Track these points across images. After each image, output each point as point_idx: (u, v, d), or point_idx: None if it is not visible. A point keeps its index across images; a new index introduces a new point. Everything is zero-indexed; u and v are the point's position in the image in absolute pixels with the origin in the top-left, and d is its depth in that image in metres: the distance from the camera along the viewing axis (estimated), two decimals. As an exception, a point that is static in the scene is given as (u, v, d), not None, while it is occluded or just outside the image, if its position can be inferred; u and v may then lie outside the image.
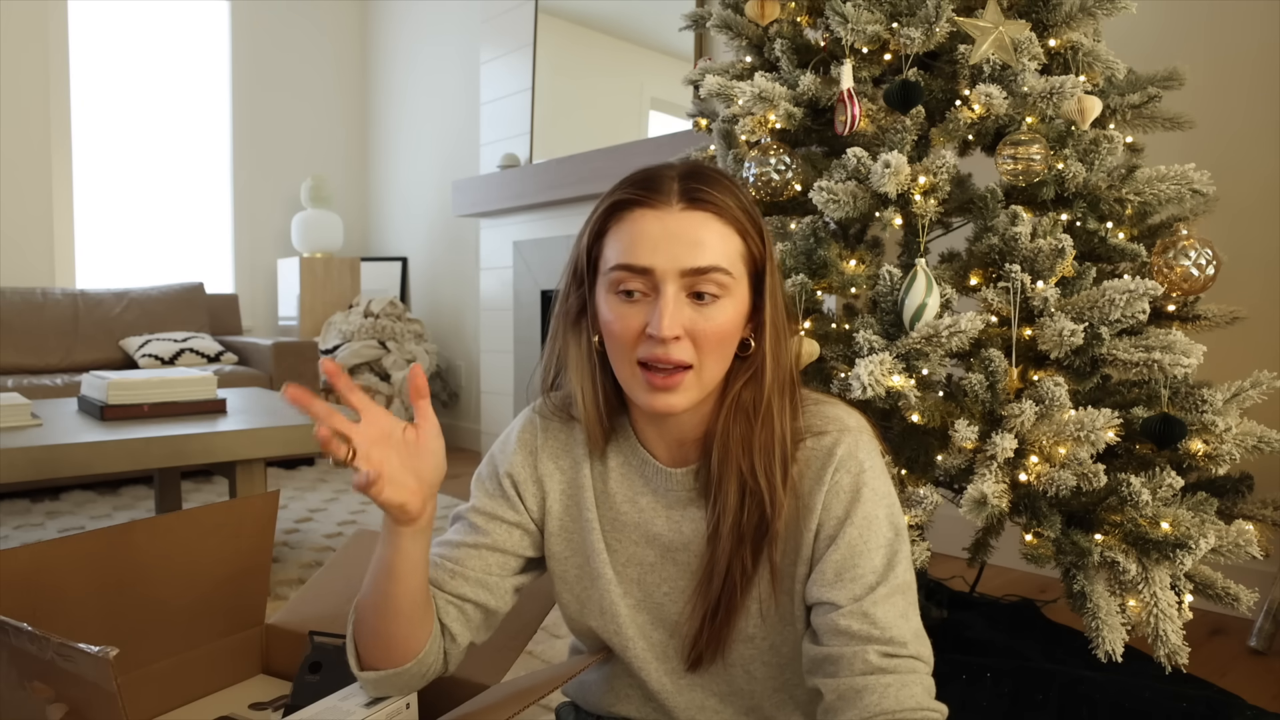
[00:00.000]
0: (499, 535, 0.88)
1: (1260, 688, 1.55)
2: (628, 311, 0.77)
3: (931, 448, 1.30)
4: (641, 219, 0.77)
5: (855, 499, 0.78)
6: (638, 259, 0.76)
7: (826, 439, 0.80)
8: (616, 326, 0.77)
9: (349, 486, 3.29)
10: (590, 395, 0.84)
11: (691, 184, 0.77)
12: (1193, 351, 1.23)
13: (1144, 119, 1.58)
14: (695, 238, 0.76)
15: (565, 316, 0.85)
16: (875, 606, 0.74)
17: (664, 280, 0.75)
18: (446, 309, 4.46)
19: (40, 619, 0.99)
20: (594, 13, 3.40)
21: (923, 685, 0.73)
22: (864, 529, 0.77)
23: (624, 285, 0.77)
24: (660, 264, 0.75)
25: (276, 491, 1.25)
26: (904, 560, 0.78)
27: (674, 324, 0.75)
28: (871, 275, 1.38)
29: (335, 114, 4.91)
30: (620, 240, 0.78)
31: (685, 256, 0.75)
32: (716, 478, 0.80)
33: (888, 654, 0.73)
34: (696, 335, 0.76)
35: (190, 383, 2.21)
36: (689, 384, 0.77)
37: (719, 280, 0.76)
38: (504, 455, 0.91)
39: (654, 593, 0.86)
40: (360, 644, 0.83)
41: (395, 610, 0.79)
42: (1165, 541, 1.18)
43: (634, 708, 0.91)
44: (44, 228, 3.98)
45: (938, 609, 1.67)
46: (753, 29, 1.63)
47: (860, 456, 0.80)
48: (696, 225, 0.76)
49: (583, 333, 0.84)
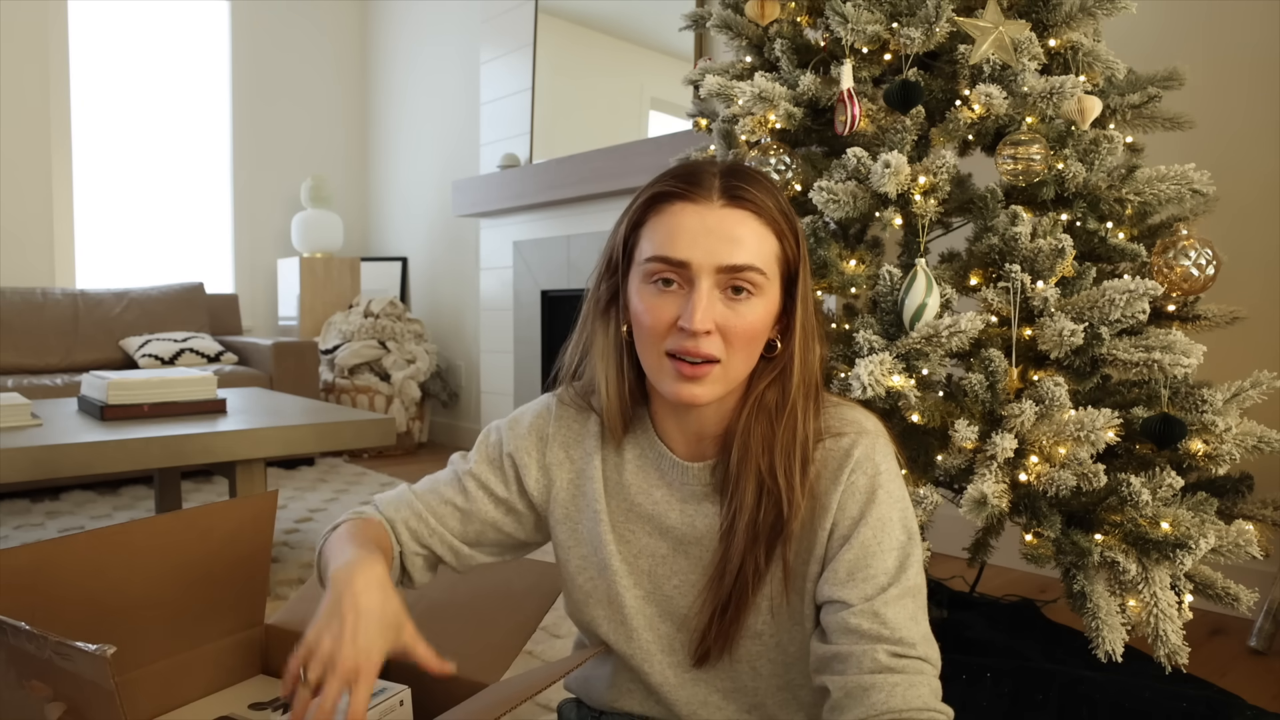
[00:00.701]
0: (483, 507, 0.92)
1: (1260, 688, 1.55)
2: (661, 302, 0.78)
3: (931, 448, 1.30)
4: (681, 212, 0.78)
5: (870, 500, 0.79)
6: (675, 251, 0.77)
7: (844, 440, 0.81)
8: (648, 317, 0.78)
9: (349, 486, 3.29)
10: (614, 384, 0.85)
11: (733, 181, 0.78)
12: (1193, 351, 1.23)
13: (1144, 119, 1.58)
14: (733, 235, 0.76)
15: (595, 304, 0.86)
16: (886, 607, 0.75)
17: (699, 274, 0.76)
18: (446, 309, 4.46)
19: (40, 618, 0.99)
20: (594, 13, 3.40)
21: (930, 687, 0.74)
22: (878, 530, 0.78)
23: (659, 275, 0.78)
24: (697, 258, 0.76)
25: (276, 491, 1.25)
26: (916, 563, 0.79)
27: (706, 318, 0.76)
28: (871, 275, 1.39)
29: (335, 114, 4.91)
30: (658, 232, 0.78)
31: (722, 253, 0.76)
32: (735, 475, 0.81)
33: (896, 654, 0.73)
34: (726, 331, 0.77)
35: (190, 383, 2.21)
36: (715, 377, 0.78)
37: (753, 279, 0.77)
38: (513, 435, 0.93)
39: (664, 585, 0.87)
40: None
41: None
42: (1165, 541, 1.18)
43: (636, 703, 0.91)
44: (44, 228, 3.98)
45: (938, 609, 1.68)
46: (753, 29, 1.63)
47: (876, 459, 0.80)
48: (735, 223, 0.77)
49: (611, 321, 0.85)
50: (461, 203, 3.87)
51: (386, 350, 4.03)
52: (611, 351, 0.85)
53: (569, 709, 1.00)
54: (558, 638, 1.75)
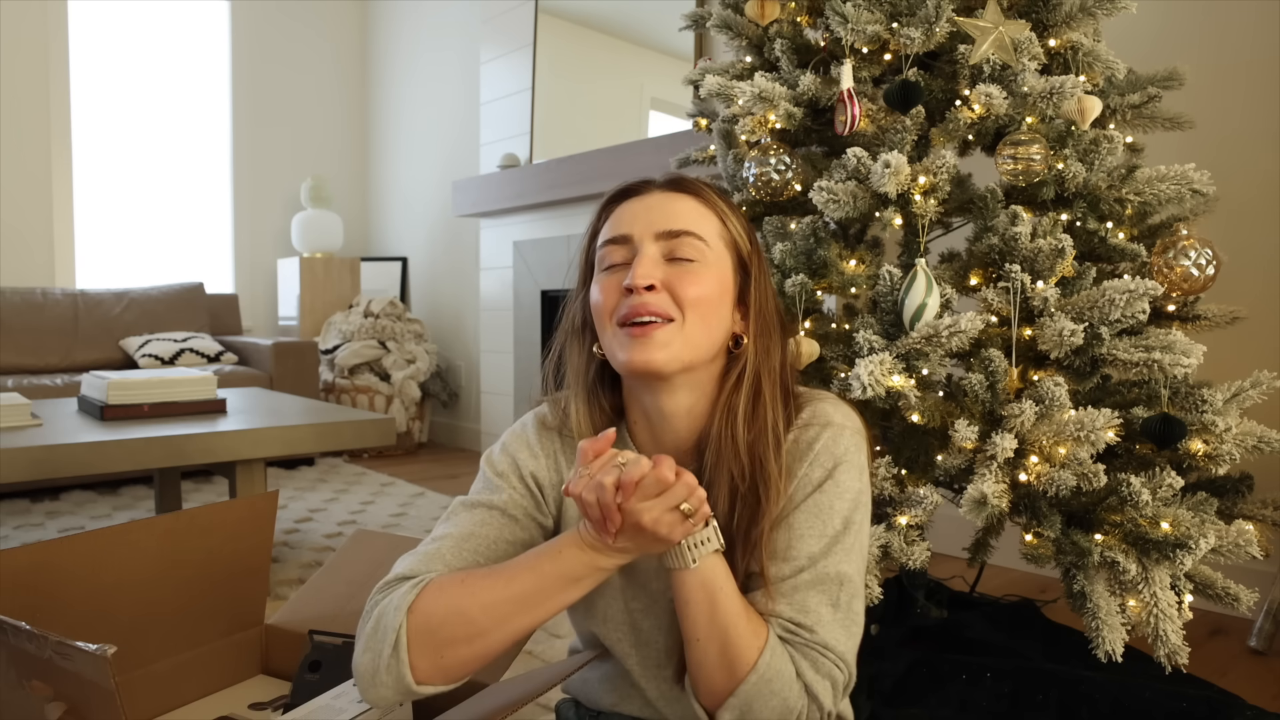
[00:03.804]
0: (534, 531, 0.87)
1: (1260, 688, 1.55)
2: (610, 281, 0.81)
3: (931, 448, 1.30)
4: (626, 205, 0.84)
5: (818, 489, 0.79)
6: (618, 229, 0.82)
7: (809, 432, 0.82)
8: (599, 297, 0.81)
9: (349, 486, 3.29)
10: (585, 409, 0.86)
11: (675, 177, 0.85)
12: (1193, 351, 1.23)
13: (1144, 119, 1.58)
14: (672, 209, 0.82)
15: (569, 325, 0.88)
16: (796, 591, 0.76)
17: (641, 241, 0.81)
18: (446, 309, 4.46)
19: (40, 619, 0.99)
20: (594, 13, 3.40)
21: (809, 661, 0.75)
22: (811, 515, 0.78)
23: (608, 260, 0.82)
24: (638, 230, 0.81)
25: (276, 491, 1.25)
26: (844, 552, 0.78)
27: (648, 274, 0.78)
28: (871, 275, 1.38)
29: (335, 114, 4.91)
30: (608, 226, 0.84)
31: (660, 221, 0.81)
32: (709, 482, 0.80)
33: (790, 631, 0.75)
34: (674, 289, 0.79)
35: (190, 383, 2.21)
36: (669, 337, 0.78)
37: (694, 245, 0.80)
38: (515, 454, 0.89)
39: (660, 599, 0.86)
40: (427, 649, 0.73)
41: (517, 618, 0.74)
42: (1165, 541, 1.18)
43: (636, 708, 0.92)
44: (44, 228, 3.98)
45: (938, 609, 1.67)
46: (753, 29, 1.63)
47: (837, 452, 0.80)
48: (674, 200, 0.83)
49: (583, 341, 0.86)
50: (461, 203, 3.87)
51: (386, 350, 4.03)
52: (583, 375, 0.86)
53: (567, 709, 1.00)
54: (558, 637, 1.75)
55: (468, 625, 0.73)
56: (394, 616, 0.73)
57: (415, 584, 0.76)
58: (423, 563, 0.80)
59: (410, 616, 0.73)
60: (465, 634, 0.73)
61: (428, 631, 0.73)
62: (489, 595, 0.73)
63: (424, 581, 0.76)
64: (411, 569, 0.79)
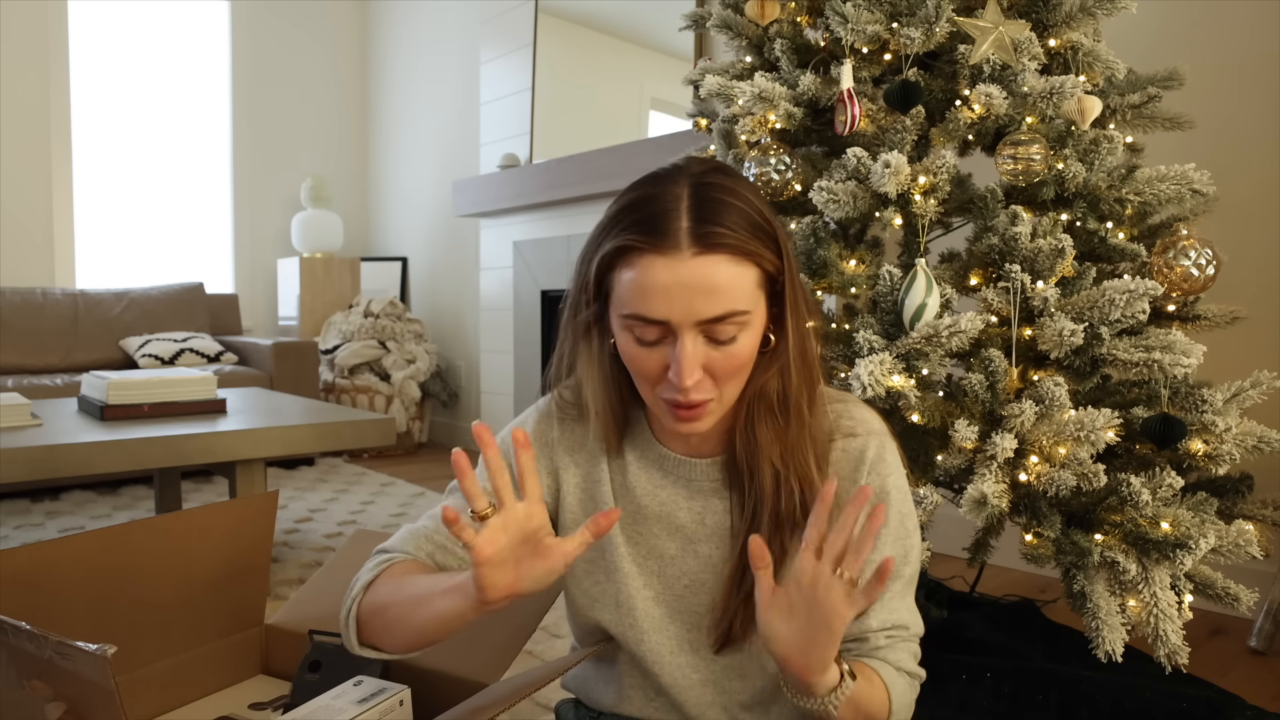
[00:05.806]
0: None
1: (1260, 688, 1.55)
2: (646, 354, 0.77)
3: (931, 448, 1.30)
4: (651, 267, 0.73)
5: (885, 502, 0.84)
6: (652, 311, 0.74)
7: (857, 441, 0.85)
8: (636, 366, 0.78)
9: (349, 486, 3.29)
10: (602, 399, 0.85)
11: (702, 225, 0.73)
12: (1193, 351, 1.23)
13: (1144, 119, 1.58)
14: (710, 285, 0.73)
15: (575, 328, 0.84)
16: (891, 599, 0.84)
17: (680, 330, 0.74)
18: (446, 309, 4.46)
19: (40, 619, 0.99)
20: (594, 13, 3.40)
21: (909, 650, 0.84)
22: (887, 530, 0.84)
23: (640, 334, 0.76)
24: (676, 315, 0.73)
25: (276, 491, 1.25)
26: (916, 555, 0.87)
27: (693, 372, 0.75)
28: (871, 275, 1.39)
29: (335, 114, 4.91)
30: (631, 289, 0.75)
31: (701, 308, 0.73)
32: (748, 469, 0.83)
33: (890, 635, 0.84)
34: (715, 371, 0.77)
35: (190, 383, 2.21)
36: (712, 411, 0.79)
37: (737, 321, 0.75)
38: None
39: (674, 585, 0.87)
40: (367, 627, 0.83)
41: (419, 638, 0.80)
42: (1165, 541, 1.18)
43: (638, 706, 0.91)
44: (44, 228, 3.98)
45: (938, 609, 1.67)
46: (753, 29, 1.63)
47: (888, 459, 0.85)
48: (709, 270, 0.73)
49: (594, 340, 0.84)
50: (461, 203, 3.87)
51: (386, 350, 4.03)
52: (597, 369, 0.84)
53: (567, 709, 1.00)
54: (558, 637, 1.75)
55: (391, 622, 0.81)
56: (356, 587, 0.84)
57: (382, 562, 0.86)
58: (401, 542, 0.88)
59: (365, 593, 0.83)
60: (387, 626, 0.81)
61: (371, 611, 0.82)
62: (402, 609, 0.80)
63: (389, 562, 0.85)
64: (392, 544, 0.88)
